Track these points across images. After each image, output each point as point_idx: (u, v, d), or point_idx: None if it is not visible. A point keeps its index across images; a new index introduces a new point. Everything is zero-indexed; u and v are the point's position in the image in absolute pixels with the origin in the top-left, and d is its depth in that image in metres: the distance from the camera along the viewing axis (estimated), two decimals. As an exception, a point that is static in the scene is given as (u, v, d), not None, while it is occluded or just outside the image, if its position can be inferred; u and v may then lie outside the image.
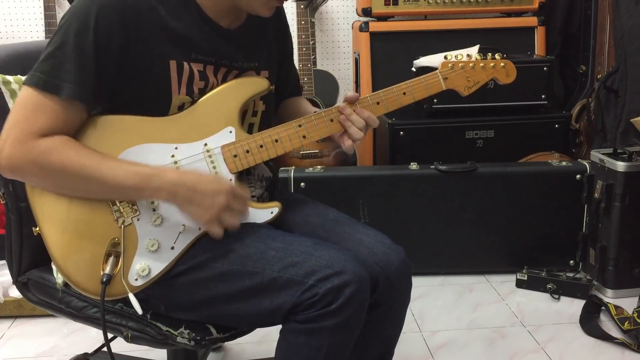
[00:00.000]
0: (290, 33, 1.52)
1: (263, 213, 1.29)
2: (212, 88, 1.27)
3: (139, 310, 1.21)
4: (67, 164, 1.14)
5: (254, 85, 1.30)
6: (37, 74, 1.14)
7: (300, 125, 1.29)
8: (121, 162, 1.18)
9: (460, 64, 1.37)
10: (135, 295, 1.23)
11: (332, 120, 1.31)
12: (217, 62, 1.27)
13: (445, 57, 1.38)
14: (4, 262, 1.80)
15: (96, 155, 1.17)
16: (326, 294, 1.12)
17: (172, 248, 1.24)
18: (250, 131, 1.36)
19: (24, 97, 1.15)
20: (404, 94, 1.34)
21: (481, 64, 1.38)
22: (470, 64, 1.38)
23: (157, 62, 1.20)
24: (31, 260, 1.40)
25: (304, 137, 1.30)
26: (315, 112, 1.35)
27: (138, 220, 1.22)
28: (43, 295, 1.38)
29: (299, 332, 1.16)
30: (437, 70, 1.37)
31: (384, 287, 1.28)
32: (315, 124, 1.30)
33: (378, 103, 1.33)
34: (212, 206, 1.17)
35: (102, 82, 1.17)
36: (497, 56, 1.40)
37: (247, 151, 1.27)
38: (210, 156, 1.25)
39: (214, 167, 1.26)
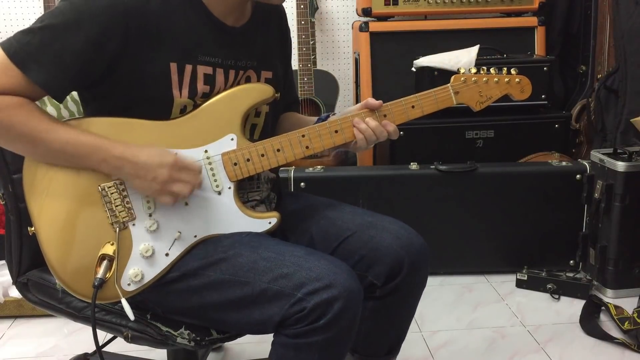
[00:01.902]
0: (290, 38, 1.51)
1: (261, 223, 1.28)
2: (218, 92, 1.26)
3: (131, 316, 1.21)
4: (14, 125, 1.13)
5: (258, 92, 1.28)
6: (13, 42, 1.12)
7: (303, 136, 1.28)
8: (69, 130, 1.16)
9: (473, 78, 1.33)
10: (132, 298, 1.23)
11: (336, 132, 1.29)
12: (224, 64, 1.26)
13: (458, 71, 1.34)
14: (4, 262, 1.80)
15: (45, 120, 1.15)
16: (314, 308, 1.11)
17: (167, 255, 1.23)
18: (252, 132, 1.35)
19: None
20: (413, 107, 1.32)
21: (495, 79, 1.34)
22: (484, 79, 1.34)
23: (157, 65, 1.19)
24: (31, 260, 1.40)
25: (307, 147, 1.28)
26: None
27: (133, 225, 1.22)
28: (43, 295, 1.38)
29: (288, 347, 1.15)
30: (449, 84, 1.33)
31: (407, 270, 1.30)
32: (319, 135, 1.28)
33: (385, 115, 1.31)
34: (156, 179, 1.16)
35: (78, 80, 1.17)
36: (512, 71, 1.36)
37: (248, 159, 1.25)
38: (210, 163, 1.24)
39: (213, 175, 1.25)
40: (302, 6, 2.99)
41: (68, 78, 1.15)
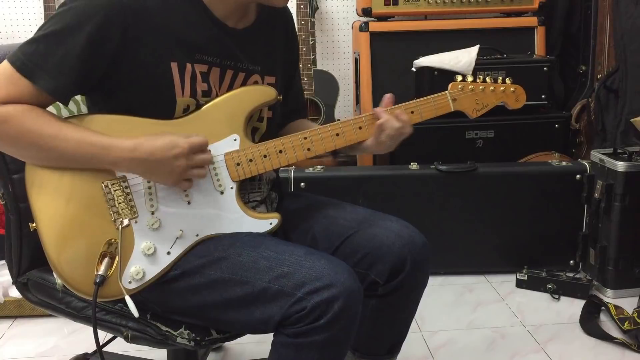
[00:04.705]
0: (297, 42, 1.50)
1: (262, 224, 1.28)
2: (216, 92, 1.26)
3: (135, 313, 1.21)
4: (23, 133, 1.13)
5: (261, 94, 1.29)
6: (19, 55, 1.14)
7: (305, 138, 1.29)
8: (78, 131, 1.16)
9: (470, 86, 1.37)
10: (132, 297, 1.22)
11: (337, 135, 1.30)
12: (222, 63, 1.27)
13: (455, 79, 1.37)
14: (4, 262, 1.80)
15: (54, 123, 1.15)
16: (314, 308, 1.11)
17: (168, 253, 1.23)
18: (253, 136, 1.35)
19: (2, 67, 1.14)
20: (412, 112, 1.34)
21: (491, 88, 1.39)
22: (481, 87, 1.38)
23: (158, 64, 1.19)
24: (31, 260, 1.40)
25: (309, 149, 1.29)
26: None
27: (136, 222, 1.22)
28: (43, 295, 1.38)
29: (288, 346, 1.15)
30: (447, 91, 1.37)
31: (410, 268, 1.30)
32: (321, 137, 1.29)
33: None
34: (173, 171, 1.17)
35: (81, 81, 1.17)
36: (507, 80, 1.41)
37: (251, 160, 1.26)
38: (213, 163, 1.24)
39: (216, 174, 1.25)
40: (302, 6, 2.99)
41: (74, 82, 1.16)
